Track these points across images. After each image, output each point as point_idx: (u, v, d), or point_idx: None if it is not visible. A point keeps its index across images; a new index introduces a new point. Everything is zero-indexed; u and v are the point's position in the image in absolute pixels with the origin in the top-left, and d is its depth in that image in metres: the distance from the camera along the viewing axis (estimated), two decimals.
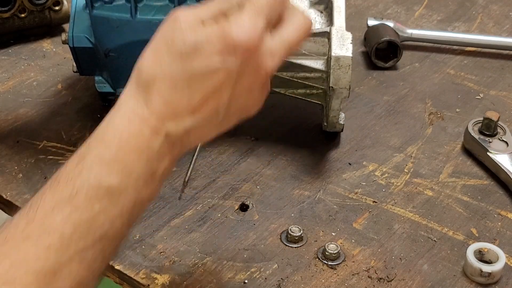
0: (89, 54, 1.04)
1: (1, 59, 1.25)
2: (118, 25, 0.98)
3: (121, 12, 0.97)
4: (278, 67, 0.73)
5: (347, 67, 0.96)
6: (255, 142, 1.09)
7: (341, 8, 1.01)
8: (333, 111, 1.02)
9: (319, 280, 0.88)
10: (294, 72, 1.02)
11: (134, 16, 0.97)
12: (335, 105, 1.00)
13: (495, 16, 1.41)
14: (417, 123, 1.14)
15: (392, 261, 0.91)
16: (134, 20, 0.97)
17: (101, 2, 0.97)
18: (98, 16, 0.98)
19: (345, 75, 0.96)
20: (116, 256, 0.90)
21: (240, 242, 0.93)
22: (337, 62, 0.96)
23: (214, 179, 1.02)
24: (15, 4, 1.23)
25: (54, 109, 1.13)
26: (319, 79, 1.01)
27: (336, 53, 0.96)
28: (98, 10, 0.97)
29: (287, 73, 1.02)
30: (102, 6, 0.97)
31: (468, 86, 1.22)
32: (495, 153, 1.04)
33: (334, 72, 0.96)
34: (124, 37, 0.99)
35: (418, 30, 1.31)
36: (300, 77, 1.02)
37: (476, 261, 0.88)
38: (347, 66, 0.96)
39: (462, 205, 1.00)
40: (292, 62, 1.01)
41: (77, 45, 1.04)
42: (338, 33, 0.98)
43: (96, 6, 0.97)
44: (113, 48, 1.01)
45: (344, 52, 0.96)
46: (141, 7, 0.97)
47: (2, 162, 1.03)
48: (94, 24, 0.99)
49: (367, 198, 1.00)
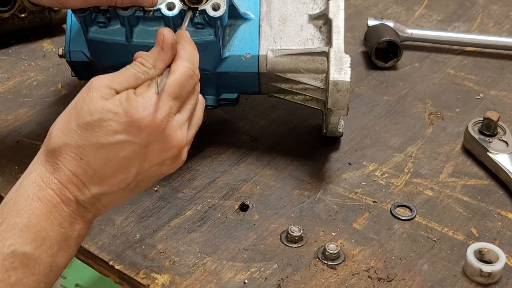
0: (86, 66, 1.03)
1: (1, 59, 1.25)
2: (114, 48, 0.97)
3: (116, 36, 0.96)
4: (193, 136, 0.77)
5: (345, 91, 0.95)
6: (255, 142, 1.09)
7: (340, 28, 0.99)
8: (332, 124, 1.02)
9: (319, 280, 0.88)
10: (292, 84, 1.01)
11: (130, 41, 0.96)
12: (334, 120, 1.01)
13: (495, 16, 1.41)
14: (417, 123, 1.14)
15: (392, 261, 0.91)
16: (130, 44, 0.96)
17: (96, 26, 0.96)
18: (93, 39, 0.97)
19: (343, 98, 0.95)
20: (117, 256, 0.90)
21: (240, 242, 0.93)
22: (335, 86, 0.95)
23: (214, 179, 1.02)
24: (15, 4, 1.23)
25: (54, 109, 1.13)
26: (318, 90, 1.00)
27: (335, 78, 0.95)
28: (94, 34, 0.96)
29: (285, 84, 1.02)
30: (97, 30, 0.96)
31: (468, 86, 1.22)
32: (495, 153, 1.04)
33: (332, 95, 0.95)
34: (121, 58, 0.97)
35: (418, 30, 1.31)
36: (299, 88, 1.01)
37: (476, 261, 0.88)
38: (346, 90, 0.95)
39: (462, 205, 1.00)
40: (290, 79, 1.00)
41: (74, 59, 1.03)
42: (337, 56, 0.96)
43: (91, 30, 0.96)
44: (110, 65, 1.00)
45: (342, 77, 0.95)
46: (137, 31, 0.95)
47: (2, 162, 1.03)
48: (90, 46, 0.99)
49: (367, 198, 1.00)
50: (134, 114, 0.71)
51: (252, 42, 1.00)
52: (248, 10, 1.02)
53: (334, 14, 0.99)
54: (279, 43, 1.01)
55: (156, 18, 0.94)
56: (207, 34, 0.95)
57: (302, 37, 1.02)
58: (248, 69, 1.00)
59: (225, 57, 1.00)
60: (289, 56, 1.00)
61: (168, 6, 0.92)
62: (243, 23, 1.01)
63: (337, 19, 0.99)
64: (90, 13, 0.93)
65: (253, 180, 1.02)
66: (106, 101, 0.71)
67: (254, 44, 1.00)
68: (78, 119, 0.71)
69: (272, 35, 1.01)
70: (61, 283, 2.02)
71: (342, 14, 1.00)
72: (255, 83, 1.02)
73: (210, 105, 1.04)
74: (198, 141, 1.01)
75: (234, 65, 1.00)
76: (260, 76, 1.01)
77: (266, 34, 1.01)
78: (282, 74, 1.00)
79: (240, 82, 1.02)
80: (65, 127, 0.71)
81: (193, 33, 0.95)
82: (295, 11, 1.03)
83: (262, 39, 1.01)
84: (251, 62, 1.00)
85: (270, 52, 1.00)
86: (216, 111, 1.12)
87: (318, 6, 1.03)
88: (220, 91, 1.04)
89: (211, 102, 1.04)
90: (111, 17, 0.95)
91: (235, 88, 1.04)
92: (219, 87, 1.03)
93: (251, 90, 1.04)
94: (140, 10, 0.93)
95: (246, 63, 1.00)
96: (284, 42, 1.01)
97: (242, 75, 1.01)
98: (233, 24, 1.01)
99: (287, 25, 1.02)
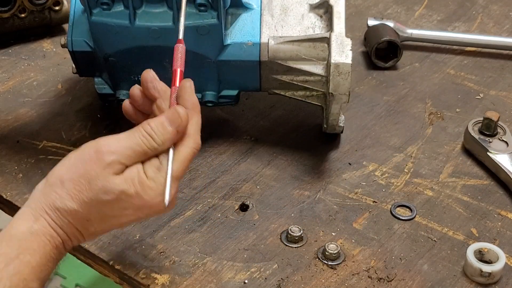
0: (88, 57, 1.04)
1: (1, 59, 1.25)
2: (117, 31, 0.97)
3: (119, 19, 0.96)
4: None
5: (346, 74, 0.96)
6: (255, 142, 1.09)
7: (340, 13, 1.00)
8: (333, 115, 1.02)
9: (319, 280, 0.88)
10: (293, 76, 1.02)
11: (133, 23, 0.96)
12: (335, 110, 1.00)
13: (495, 16, 1.41)
14: (417, 123, 1.14)
15: (392, 261, 0.91)
16: (133, 27, 0.96)
17: (100, 8, 0.96)
18: (96, 22, 0.97)
19: (344, 81, 0.96)
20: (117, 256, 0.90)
21: (240, 242, 0.93)
22: (337, 69, 0.96)
23: (214, 179, 1.02)
24: (15, 4, 1.23)
25: (54, 109, 1.13)
26: (319, 82, 1.01)
27: (336, 60, 0.96)
28: (97, 17, 0.97)
29: (286, 76, 1.02)
30: (100, 13, 0.96)
31: (468, 86, 1.22)
32: (495, 153, 1.04)
33: (333, 78, 0.96)
34: (123, 42, 0.98)
35: (418, 30, 1.31)
36: (300, 80, 1.02)
37: (476, 261, 0.88)
38: (347, 72, 0.96)
39: (462, 205, 1.00)
40: (291, 67, 1.01)
41: (76, 49, 1.03)
42: (338, 39, 0.98)
43: (95, 13, 0.96)
44: (112, 53, 1.00)
45: (343, 59, 0.96)
46: (140, 14, 0.96)
47: (2, 162, 1.03)
48: (93, 30, 0.99)
49: (367, 198, 1.00)
50: (148, 200, 0.76)
51: (253, 30, 1.01)
52: (249, 0, 1.03)
53: (335, 0, 1.01)
54: (280, 31, 1.02)
55: (159, 0, 0.94)
56: (209, 17, 0.96)
57: (303, 25, 1.03)
58: (249, 57, 1.01)
59: (227, 44, 1.00)
60: (290, 43, 1.00)
61: None
62: (244, 11, 1.02)
63: (338, 5, 1.01)
64: None
65: (253, 180, 1.02)
66: (118, 179, 0.75)
67: (256, 32, 1.01)
68: (91, 194, 0.75)
69: (273, 24, 1.02)
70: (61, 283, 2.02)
71: (343, 0, 1.01)
72: (256, 76, 1.03)
73: (210, 101, 1.04)
74: None
75: (236, 53, 1.01)
76: (261, 67, 1.02)
77: (267, 22, 1.02)
78: (283, 62, 1.01)
79: (240, 74, 1.03)
80: (77, 192, 0.75)
81: (196, 16, 0.96)
82: (296, 0, 1.05)
83: (263, 27, 1.02)
84: (252, 50, 1.01)
85: (271, 39, 1.01)
86: (216, 111, 1.12)
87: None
88: (221, 87, 1.04)
89: (211, 98, 1.04)
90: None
91: (236, 83, 1.04)
92: (220, 81, 1.03)
93: (251, 85, 1.04)
94: None
95: (248, 50, 1.01)
96: (285, 30, 1.02)
97: (244, 64, 1.01)
98: (235, 13, 1.02)
99: (288, 14, 1.04)
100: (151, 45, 0.98)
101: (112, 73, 1.04)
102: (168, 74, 0.90)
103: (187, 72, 1.00)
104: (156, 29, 0.96)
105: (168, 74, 1.00)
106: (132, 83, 1.02)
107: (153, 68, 0.99)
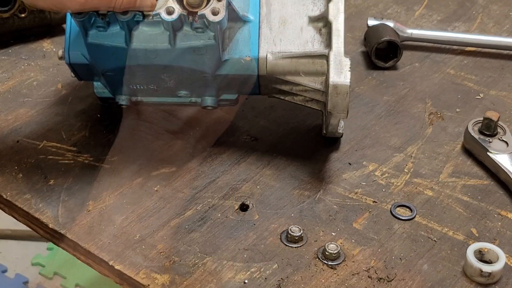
0: (86, 68, 1.03)
1: (1, 59, 1.25)
2: (113, 52, 0.96)
3: (116, 41, 0.96)
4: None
5: (345, 94, 0.95)
6: (255, 142, 1.09)
7: (340, 31, 0.98)
8: (332, 126, 1.02)
9: (319, 280, 0.88)
10: (292, 86, 1.01)
11: (129, 45, 0.95)
12: (334, 122, 1.00)
13: (495, 16, 1.41)
14: (417, 123, 1.14)
15: (392, 261, 0.91)
16: (129, 48, 0.96)
17: (96, 30, 0.95)
18: (92, 43, 0.97)
19: (343, 101, 0.95)
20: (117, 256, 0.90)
21: (240, 242, 0.93)
22: (335, 90, 0.95)
23: (214, 179, 1.02)
24: (15, 4, 1.23)
25: (54, 109, 1.13)
26: (318, 92, 1.00)
27: (334, 81, 0.95)
28: (93, 38, 0.96)
29: (285, 86, 1.01)
30: (96, 34, 0.96)
31: (468, 86, 1.22)
32: (495, 153, 1.04)
33: (332, 99, 0.95)
34: (120, 62, 0.97)
35: (418, 30, 1.31)
36: (299, 90, 1.01)
37: (476, 261, 0.88)
38: (345, 93, 0.95)
39: (462, 205, 1.00)
40: (290, 81, 1.00)
41: (73, 61, 1.02)
42: (337, 59, 0.96)
43: (91, 34, 0.96)
44: (109, 69, 1.00)
45: (342, 80, 0.95)
46: (136, 35, 0.95)
47: (2, 162, 1.03)
48: (89, 50, 0.98)
49: (367, 198, 1.00)
50: None
51: (251, 44, 1.00)
52: (247, 12, 1.01)
53: (334, 16, 0.99)
54: (278, 45, 1.01)
55: (155, 22, 0.94)
56: (206, 38, 0.95)
57: (302, 39, 1.01)
58: (247, 71, 1.00)
59: (225, 60, 0.99)
60: (288, 59, 0.99)
61: (167, 10, 0.92)
62: (242, 25, 1.01)
63: (337, 22, 0.99)
64: (89, 17, 0.93)
65: (253, 180, 1.02)
66: None
67: (254, 47, 1.00)
68: None
69: (271, 37, 1.01)
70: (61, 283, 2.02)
71: (342, 17, 0.99)
72: (255, 85, 1.02)
73: (210, 106, 1.04)
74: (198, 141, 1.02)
75: (234, 67, 1.00)
76: (259, 78, 1.01)
77: (265, 36, 1.01)
78: (282, 77, 1.00)
79: (239, 84, 1.02)
80: None
81: (193, 37, 0.95)
82: (295, 13, 1.03)
83: (261, 41, 1.00)
84: (250, 65, 1.00)
85: (269, 54, 1.00)
86: (216, 111, 1.12)
87: (318, 8, 1.03)
88: (220, 92, 1.04)
89: (211, 103, 1.04)
90: (110, 21, 0.94)
91: (235, 90, 1.04)
92: (219, 88, 1.03)
93: (250, 91, 1.04)
94: (140, 14, 0.93)
95: (246, 65, 1.00)
96: (284, 44, 1.01)
97: (242, 77, 1.01)
98: (233, 27, 1.00)
99: (287, 27, 1.02)
100: (148, 64, 0.98)
101: (110, 84, 1.03)
102: (166, 85, 0.91)
103: (184, 84, 1.00)
104: (152, 50, 0.96)
105: (166, 85, 1.00)
106: (131, 90, 1.02)
107: (150, 81, 0.99)
